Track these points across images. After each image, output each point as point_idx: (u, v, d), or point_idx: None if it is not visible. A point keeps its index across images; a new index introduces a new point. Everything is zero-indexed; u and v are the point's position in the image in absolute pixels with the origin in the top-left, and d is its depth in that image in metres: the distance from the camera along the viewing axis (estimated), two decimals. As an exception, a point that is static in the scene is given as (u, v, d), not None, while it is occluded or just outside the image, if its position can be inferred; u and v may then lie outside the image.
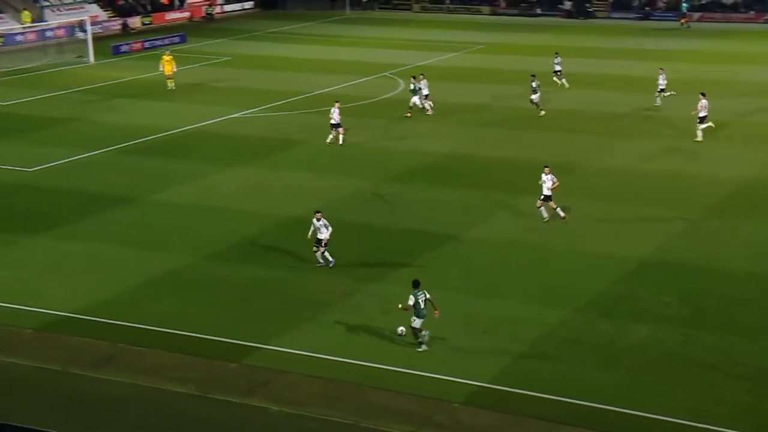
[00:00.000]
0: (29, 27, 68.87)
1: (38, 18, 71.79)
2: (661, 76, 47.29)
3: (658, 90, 47.18)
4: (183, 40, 70.52)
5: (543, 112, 46.26)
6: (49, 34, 67.78)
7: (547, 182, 31.69)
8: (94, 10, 76.47)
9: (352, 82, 56.01)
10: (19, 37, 67.72)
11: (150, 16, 79.23)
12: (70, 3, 75.79)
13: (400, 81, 55.21)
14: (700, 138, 41.29)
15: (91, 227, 32.03)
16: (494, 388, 21.89)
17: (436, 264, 28.95)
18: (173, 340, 24.11)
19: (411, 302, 23.52)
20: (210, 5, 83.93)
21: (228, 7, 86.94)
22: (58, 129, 44.99)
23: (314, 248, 28.54)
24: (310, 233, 28.48)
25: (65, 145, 41.84)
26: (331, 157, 40.71)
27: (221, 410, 21.18)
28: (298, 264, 28.85)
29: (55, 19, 71.63)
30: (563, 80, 52.17)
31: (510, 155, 40.33)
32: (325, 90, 53.17)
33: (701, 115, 41.31)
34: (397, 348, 23.72)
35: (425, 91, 46.87)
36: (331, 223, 28.61)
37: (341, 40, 71.12)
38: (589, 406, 21.10)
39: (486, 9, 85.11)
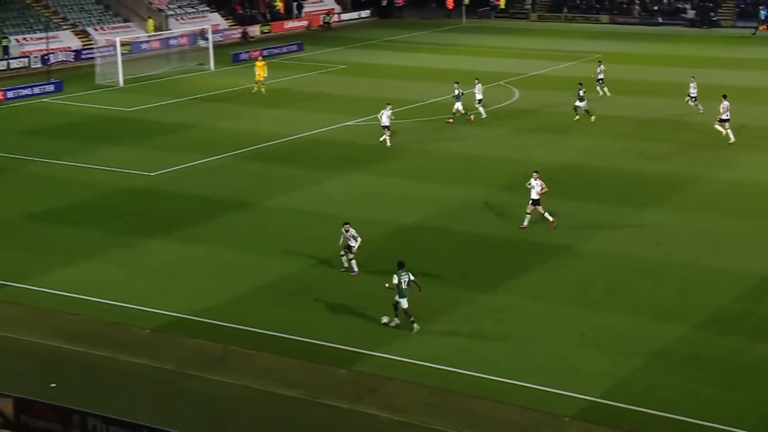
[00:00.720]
0: (154, 36, 70.87)
1: (162, 27, 73.83)
2: (692, 85, 47.28)
3: (691, 97, 47.20)
4: (300, 49, 71.48)
5: (593, 118, 46.09)
6: (172, 42, 69.59)
7: (536, 187, 31.78)
8: (216, 18, 78.21)
9: (466, 91, 55.79)
10: (144, 46, 69.70)
11: (269, 25, 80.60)
12: (192, 12, 77.70)
13: (515, 90, 54.77)
14: (732, 139, 41.85)
15: (208, 231, 32.67)
16: (607, 404, 21.44)
17: (548, 275, 28.56)
18: (284, 344, 24.36)
19: (395, 281, 24.63)
20: (327, 14, 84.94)
21: (345, 16, 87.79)
22: (180, 134, 46.11)
23: (341, 253, 28.60)
24: (340, 242, 28.62)
25: (186, 151, 42.83)
26: (443, 165, 40.63)
27: (330, 415, 21.31)
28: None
29: (178, 28, 73.50)
30: (605, 89, 52.01)
31: (624, 166, 39.57)
32: (439, 99, 53.08)
33: (723, 117, 41.87)
34: (507, 359, 23.47)
35: (479, 96, 47.24)
36: (442, 231, 28.50)
37: (457, 49, 70.98)
38: (708, 426, 20.46)
39: (605, 18, 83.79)
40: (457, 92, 46.69)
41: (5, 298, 27.30)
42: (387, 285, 25.05)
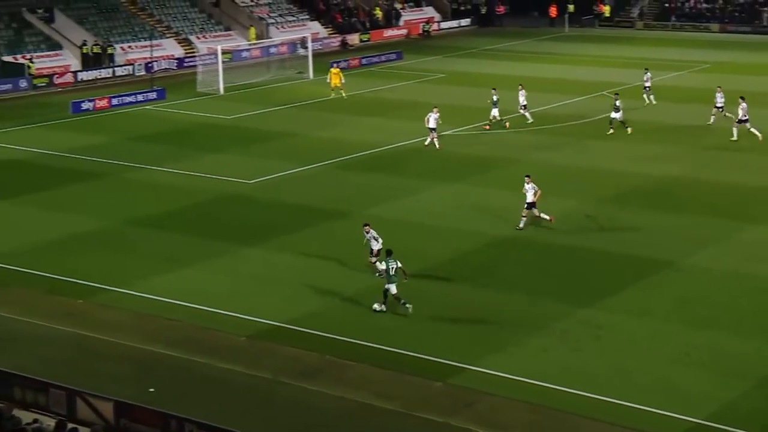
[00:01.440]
0: (254, 44, 71.93)
1: (263, 35, 74.91)
2: (718, 95, 46.51)
3: (717, 107, 46.64)
4: (399, 57, 71.63)
5: (629, 130, 45.37)
6: (272, 50, 70.45)
7: (530, 191, 32.79)
8: (316, 27, 78.98)
9: (567, 101, 55.14)
10: (244, 54, 70.79)
11: (368, 34, 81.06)
12: (293, 21, 78.65)
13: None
14: (735, 137, 43.73)
15: (304, 240, 32.91)
16: (714, 426, 20.81)
17: (651, 291, 27.95)
18: (380, 355, 24.33)
19: (383, 267, 26.41)
20: (427, 23, 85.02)
21: (445, 25, 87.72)
22: (278, 142, 46.63)
23: (372, 259, 28.91)
24: (365, 242, 29.28)
25: (283, 159, 43.27)
26: (543, 176, 40.09)
27: (425, 429, 21.16)
28: (506, 285, 28.59)
29: (278, 36, 74.47)
30: (651, 97, 51.70)
31: (732, 180, 38.54)
32: (539, 108, 52.56)
33: (742, 117, 43.50)
34: (606, 377, 23.00)
35: (523, 101, 47.51)
36: (540, 243, 28.19)
37: (558, 58, 70.26)
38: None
39: (715, 26, 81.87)
40: (494, 98, 47.50)
41: (107, 302, 27.93)
42: (377, 275, 27.05)
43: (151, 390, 22.58)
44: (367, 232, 29.16)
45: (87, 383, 21.57)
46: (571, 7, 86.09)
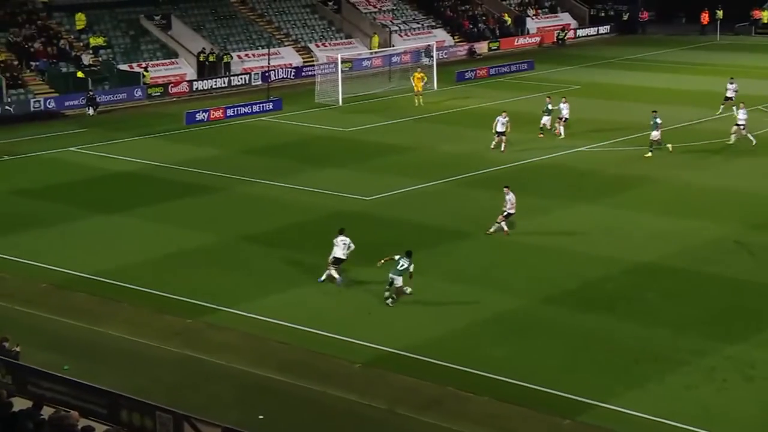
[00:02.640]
0: (375, 52, 72.57)
1: (386, 43, 75.50)
2: (741, 111, 45.89)
3: (738, 125, 46.04)
4: (530, 67, 71.22)
5: (670, 147, 44.65)
6: (394, 59, 70.87)
7: (508, 203, 34.49)
8: (441, 35, 79.20)
9: (717, 116, 53.85)
10: (365, 63, 71.50)
11: (498, 42, 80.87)
12: (417, 28, 79.01)
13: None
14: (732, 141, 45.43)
15: (421, 261, 32.89)
16: None
17: (808, 327, 26.99)
18: (503, 388, 24.08)
19: (396, 259, 29.16)
20: (562, 30, 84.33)
21: (581, 32, 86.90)
22: (398, 157, 46.82)
23: (335, 267, 30.69)
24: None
25: (404, 174, 43.43)
26: (686, 197, 39.35)
27: (551, 470, 20.83)
28: (644, 315, 28.01)
29: (402, 44, 74.96)
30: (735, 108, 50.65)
31: None
32: (684, 124, 51.52)
33: (740, 123, 45.50)
34: (759, 422, 22.21)
35: (565, 114, 48.27)
36: (684, 272, 27.57)
37: (707, 69, 68.75)
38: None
39: None
40: (548, 107, 48.56)
41: (216, 322, 28.42)
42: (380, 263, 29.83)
43: (261, 417, 22.83)
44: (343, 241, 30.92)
45: (195, 407, 21.96)
46: (719, 13, 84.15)
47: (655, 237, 34.77)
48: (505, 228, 34.87)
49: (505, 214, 34.81)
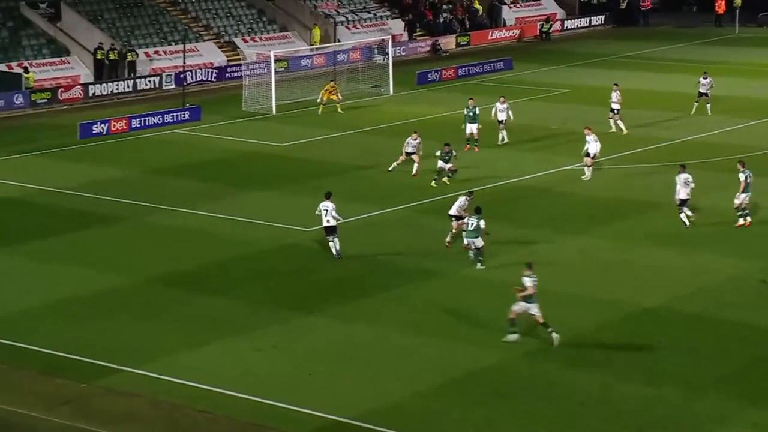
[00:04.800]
0: (317, 49, 72.74)
1: (330, 37, 75.66)
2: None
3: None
4: (508, 67, 71.77)
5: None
6: (340, 57, 71.14)
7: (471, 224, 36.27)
8: (399, 27, 79.62)
9: (739, 125, 54.61)
10: (304, 62, 71.66)
11: (468, 36, 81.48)
12: (369, 19, 79.39)
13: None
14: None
15: (375, 306, 32.97)
16: None
17: None
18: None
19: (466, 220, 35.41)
20: (546, 21, 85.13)
21: (570, 24, 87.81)
22: (346, 178, 46.83)
23: (328, 239, 35.67)
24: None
25: (353, 199, 43.37)
26: (700, 226, 39.72)
27: None
28: (650, 371, 28.22)
29: (350, 39, 75.27)
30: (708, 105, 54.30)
31: None
32: (698, 136, 52.15)
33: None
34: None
35: (502, 117, 50.77)
36: (700, 318, 27.83)
37: (725, 68, 69.63)
38: None
39: None
40: (471, 111, 50.28)
41: (119, 386, 28.17)
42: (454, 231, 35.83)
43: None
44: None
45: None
46: (738, 1, 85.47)
47: (663, 275, 35.06)
48: (447, 239, 37.18)
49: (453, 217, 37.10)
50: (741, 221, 39.56)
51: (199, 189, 45.59)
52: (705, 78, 56.37)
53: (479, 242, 35.12)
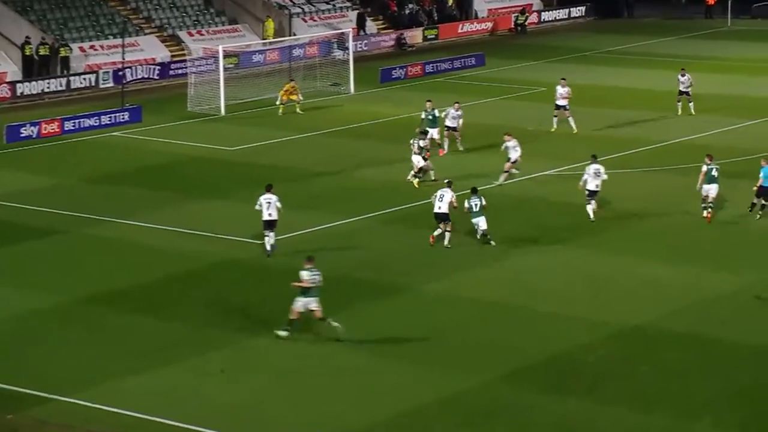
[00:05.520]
0: (271, 43, 72.58)
1: (285, 30, 75.51)
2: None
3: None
4: (480, 63, 71.85)
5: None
6: (296, 52, 71.04)
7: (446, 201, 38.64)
8: (360, 19, 79.48)
9: (732, 126, 54.86)
10: (257, 57, 71.47)
11: (436, 29, 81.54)
12: (327, 10, 79.31)
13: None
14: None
15: (343, 323, 32.87)
16: None
17: None
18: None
19: (466, 205, 38.58)
20: (522, 12, 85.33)
21: (548, 16, 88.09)
22: (302, 185, 46.70)
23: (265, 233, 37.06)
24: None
25: (310, 208, 43.35)
26: (692, 237, 39.86)
27: None
28: (637, 397, 28.26)
29: (306, 32, 75.17)
30: (691, 105, 55.39)
31: None
32: (687, 138, 52.34)
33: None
34: None
35: (450, 123, 50.44)
36: (693, 337, 27.92)
37: (716, 65, 70.11)
38: None
39: None
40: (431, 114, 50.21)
41: (48, 417, 27.89)
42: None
43: None
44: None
45: None
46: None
47: (652, 291, 35.12)
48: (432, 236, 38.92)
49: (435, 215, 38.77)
50: (705, 213, 41.12)
51: (140, 198, 45.36)
52: (683, 75, 56.68)
53: (484, 223, 38.13)
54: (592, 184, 41.17)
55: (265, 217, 37.80)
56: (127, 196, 45.70)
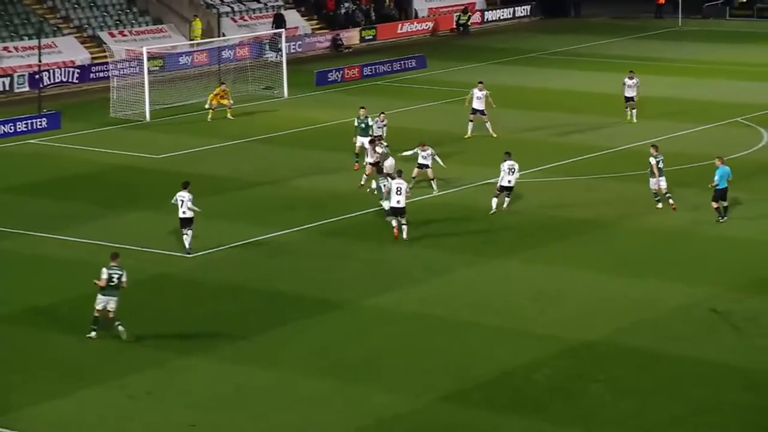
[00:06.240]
0: (198, 44, 72.39)
1: (213, 31, 75.36)
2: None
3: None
4: (421, 65, 72.07)
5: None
6: (226, 54, 70.94)
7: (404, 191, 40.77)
8: (294, 19, 79.59)
9: (683, 131, 55.33)
10: (183, 59, 71.26)
11: (374, 29, 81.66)
12: (258, 9, 79.23)
13: (763, 131, 54.07)
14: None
15: (274, 343, 32.86)
16: None
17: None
18: None
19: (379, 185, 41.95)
20: (464, 12, 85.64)
21: (492, 15, 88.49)
22: (233, 195, 46.72)
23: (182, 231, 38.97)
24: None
25: (241, 218, 43.34)
26: (645, 249, 40.16)
27: None
28: (588, 416, 28.45)
29: (236, 33, 75.06)
30: (633, 112, 56.16)
31: None
32: (639, 143, 52.68)
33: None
34: None
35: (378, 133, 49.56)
36: (646, 353, 28.06)
37: (667, 67, 70.69)
38: None
39: None
40: (364, 121, 49.63)
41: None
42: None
43: None
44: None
45: None
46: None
47: (603, 305, 35.36)
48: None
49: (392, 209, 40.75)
50: (660, 205, 43.18)
51: (59, 210, 45.15)
52: (631, 78, 56.68)
53: (387, 205, 41.32)
54: (505, 180, 43.12)
55: (180, 214, 39.37)
56: (45, 208, 45.45)
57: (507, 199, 43.55)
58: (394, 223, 40.87)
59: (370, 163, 46.16)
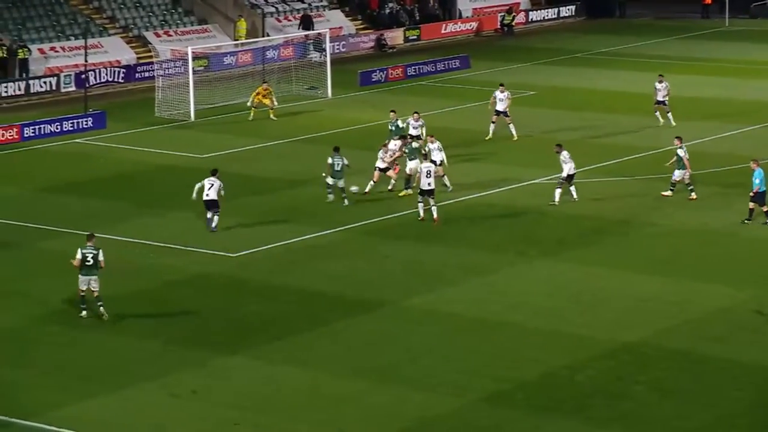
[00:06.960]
0: (243, 45, 72.52)
1: (258, 31, 75.42)
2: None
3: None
4: (465, 65, 71.95)
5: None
6: (270, 54, 71.02)
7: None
8: (338, 19, 79.57)
9: (728, 133, 55.03)
10: (228, 59, 71.39)
11: (417, 29, 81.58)
12: (303, 9, 79.15)
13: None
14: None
15: (314, 345, 32.87)
16: None
17: None
18: None
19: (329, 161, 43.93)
20: (508, 12, 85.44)
21: (536, 15, 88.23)
22: (278, 195, 46.84)
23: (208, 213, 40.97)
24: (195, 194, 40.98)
25: (285, 220, 43.39)
26: (687, 250, 39.97)
27: None
28: (630, 418, 28.35)
29: (280, 33, 75.12)
30: (669, 115, 55.11)
31: None
32: (686, 144, 52.42)
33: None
34: None
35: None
36: (689, 355, 27.93)
37: (714, 67, 70.32)
38: None
39: None
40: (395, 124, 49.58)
41: (9, 441, 27.95)
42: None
43: None
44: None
45: None
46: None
47: (644, 306, 35.27)
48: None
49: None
50: (668, 192, 44.49)
51: (103, 209, 45.32)
52: (661, 82, 56.08)
53: (342, 183, 43.88)
54: (566, 171, 44.33)
55: (204, 197, 41.31)
56: (89, 207, 45.65)
57: (572, 188, 44.23)
58: (421, 206, 41.91)
59: (380, 168, 45.91)
